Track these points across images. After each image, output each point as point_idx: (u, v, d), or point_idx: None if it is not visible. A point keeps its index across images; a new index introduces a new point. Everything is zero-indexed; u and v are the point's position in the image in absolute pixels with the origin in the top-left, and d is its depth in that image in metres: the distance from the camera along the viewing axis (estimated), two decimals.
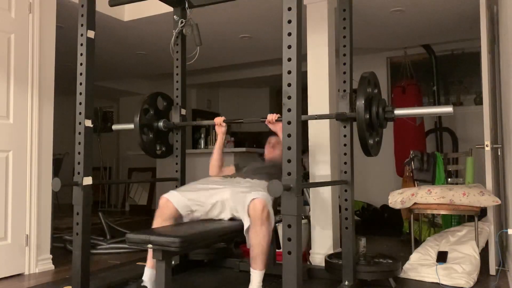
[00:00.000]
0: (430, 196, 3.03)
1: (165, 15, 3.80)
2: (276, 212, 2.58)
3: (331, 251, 3.14)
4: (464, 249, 2.82)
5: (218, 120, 2.92)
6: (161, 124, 2.91)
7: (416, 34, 4.76)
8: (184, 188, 2.57)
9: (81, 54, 2.37)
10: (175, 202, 2.40)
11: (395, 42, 5.13)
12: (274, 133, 2.88)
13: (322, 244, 3.25)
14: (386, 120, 2.38)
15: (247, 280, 2.24)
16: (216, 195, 2.44)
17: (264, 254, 2.22)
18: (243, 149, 5.23)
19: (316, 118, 2.77)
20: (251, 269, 2.23)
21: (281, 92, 1.75)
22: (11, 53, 3.00)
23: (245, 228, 2.26)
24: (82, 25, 2.37)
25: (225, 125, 2.93)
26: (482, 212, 3.00)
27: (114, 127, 3.07)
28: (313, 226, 3.30)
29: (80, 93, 2.36)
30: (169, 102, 3.05)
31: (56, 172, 4.16)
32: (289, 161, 1.70)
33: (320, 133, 3.29)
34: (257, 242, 2.20)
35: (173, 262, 2.71)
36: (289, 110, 1.71)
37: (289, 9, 1.73)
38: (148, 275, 2.36)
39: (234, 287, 2.69)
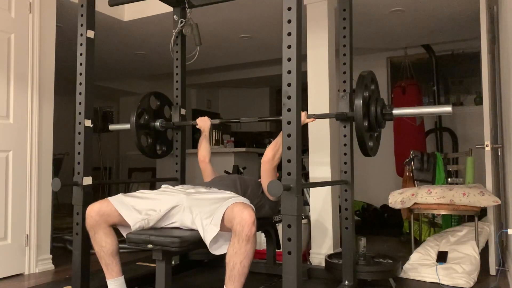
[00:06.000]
0: (430, 196, 3.03)
1: (165, 15, 3.80)
2: (276, 212, 2.59)
3: (331, 251, 3.14)
4: (464, 249, 2.82)
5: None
6: (158, 123, 2.90)
7: (416, 34, 4.76)
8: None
9: (81, 54, 2.37)
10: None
11: (395, 42, 5.13)
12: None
13: (322, 244, 3.25)
14: (384, 119, 2.38)
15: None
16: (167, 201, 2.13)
17: (245, 275, 1.87)
18: (243, 149, 5.23)
19: (315, 118, 2.75)
20: None
21: (281, 92, 1.75)
22: (11, 53, 3.00)
23: (209, 239, 1.88)
24: (81, 25, 2.37)
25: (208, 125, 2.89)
26: (482, 212, 3.00)
27: (111, 127, 3.05)
28: (313, 226, 3.30)
29: (80, 93, 2.36)
30: (166, 101, 3.04)
31: (56, 172, 4.15)
32: (289, 161, 1.69)
33: (320, 133, 3.30)
34: (237, 260, 1.83)
35: (173, 262, 2.71)
36: (289, 110, 1.71)
37: (289, 9, 1.72)
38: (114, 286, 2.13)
39: None
